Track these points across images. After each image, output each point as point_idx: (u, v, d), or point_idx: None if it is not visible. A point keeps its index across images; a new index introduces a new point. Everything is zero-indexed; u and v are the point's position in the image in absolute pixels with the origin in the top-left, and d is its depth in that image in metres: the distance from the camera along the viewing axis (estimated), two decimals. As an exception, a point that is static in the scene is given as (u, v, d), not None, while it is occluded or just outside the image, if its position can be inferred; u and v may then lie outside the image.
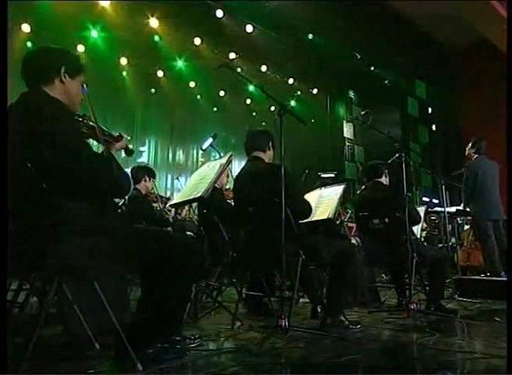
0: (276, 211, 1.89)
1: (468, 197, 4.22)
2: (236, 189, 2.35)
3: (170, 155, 11.41)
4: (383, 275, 4.36)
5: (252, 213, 2.09)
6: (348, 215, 4.33)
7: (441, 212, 4.26)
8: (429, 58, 8.77)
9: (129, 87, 9.68)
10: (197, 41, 8.65)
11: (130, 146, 1.94)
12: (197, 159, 11.80)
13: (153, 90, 9.99)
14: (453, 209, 4.18)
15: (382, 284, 3.68)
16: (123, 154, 1.94)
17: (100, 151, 1.64)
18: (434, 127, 9.75)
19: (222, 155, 2.67)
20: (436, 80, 9.27)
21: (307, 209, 2.11)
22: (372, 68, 9.43)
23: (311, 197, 3.06)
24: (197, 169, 13.12)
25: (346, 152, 10.44)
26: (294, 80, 10.22)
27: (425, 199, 4.48)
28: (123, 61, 8.99)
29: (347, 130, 10.40)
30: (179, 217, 4.44)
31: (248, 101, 11.11)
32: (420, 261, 2.59)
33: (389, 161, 4.40)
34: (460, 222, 5.63)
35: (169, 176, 11.21)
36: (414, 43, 8.47)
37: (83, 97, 1.54)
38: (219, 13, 7.91)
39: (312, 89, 10.64)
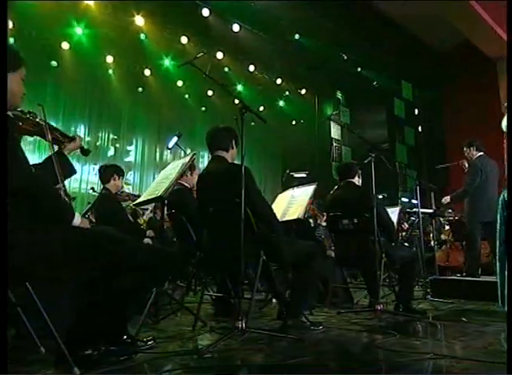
0: (236, 211, 1.87)
1: (467, 195, 4.17)
2: (199, 189, 2.32)
3: (158, 155, 11.33)
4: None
5: (213, 214, 2.07)
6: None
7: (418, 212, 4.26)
8: (415, 59, 8.82)
9: (116, 86, 9.58)
10: (184, 39, 8.60)
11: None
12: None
13: (140, 89, 9.88)
14: (430, 210, 4.18)
15: (355, 285, 3.68)
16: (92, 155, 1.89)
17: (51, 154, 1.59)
18: (420, 129, 9.82)
19: (187, 153, 2.63)
20: (422, 82, 9.33)
21: (267, 210, 2.09)
22: (359, 69, 9.47)
23: (284, 197, 3.05)
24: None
25: (334, 153, 10.45)
26: (282, 80, 10.21)
27: (404, 200, 4.50)
28: (109, 59, 8.90)
29: (335, 131, 10.42)
30: (157, 217, 4.39)
31: (236, 100, 11.05)
32: (389, 261, 2.59)
33: (365, 161, 4.41)
34: (443, 221, 5.67)
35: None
36: (401, 44, 8.52)
37: (25, 91, 1.49)
38: (205, 12, 7.88)
39: (300, 89, 10.64)
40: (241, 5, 7.81)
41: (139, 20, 8.00)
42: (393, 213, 3.36)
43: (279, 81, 10.20)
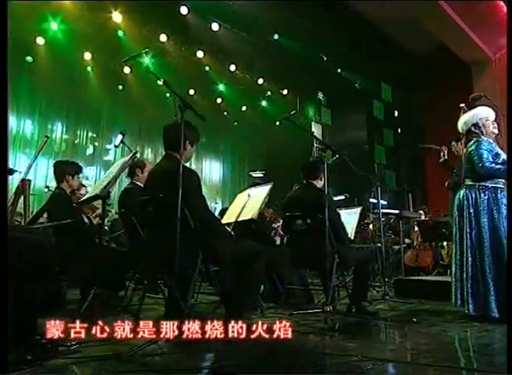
0: (173, 213, 1.82)
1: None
2: (144, 187, 2.27)
3: (138, 154, 11.20)
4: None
5: (151, 213, 2.02)
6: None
7: (388, 213, 4.28)
8: (395, 61, 8.89)
9: (95, 83, 9.43)
10: (163, 37, 8.51)
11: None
12: (167, 158, 11.64)
13: (120, 87, 9.73)
14: (396, 211, 4.20)
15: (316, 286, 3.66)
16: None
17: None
18: (399, 130, 9.90)
19: (132, 150, 2.58)
20: (402, 84, 9.41)
21: (205, 213, 2.04)
22: (339, 70, 9.51)
23: (241, 197, 3.02)
24: None
25: (315, 153, 10.47)
26: (264, 80, 10.19)
27: (373, 201, 4.51)
28: (87, 56, 8.74)
29: (316, 131, 10.43)
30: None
31: (219, 100, 11.00)
32: (342, 262, 2.58)
33: (329, 161, 4.42)
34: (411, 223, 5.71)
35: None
36: (380, 46, 8.57)
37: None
38: (184, 10, 7.81)
39: (282, 90, 10.64)
40: (220, 4, 7.76)
41: (116, 17, 7.89)
42: (355, 214, 3.37)
43: (260, 81, 10.18)
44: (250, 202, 2.79)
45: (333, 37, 8.33)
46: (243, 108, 11.24)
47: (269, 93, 10.99)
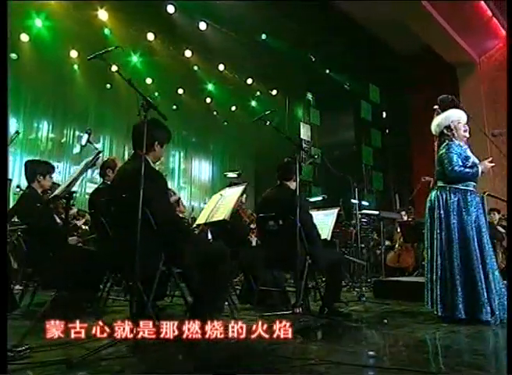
0: (135, 214, 1.80)
1: None
2: (110, 187, 2.24)
3: (126, 153, 11.08)
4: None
5: (115, 214, 2.00)
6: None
7: (367, 214, 4.29)
8: (382, 62, 8.94)
9: (82, 82, 9.33)
10: (151, 36, 8.46)
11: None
12: (155, 157, 11.57)
13: (108, 85, 9.63)
14: (376, 212, 4.22)
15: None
16: None
17: None
18: (387, 131, 9.96)
19: (97, 149, 2.55)
20: (389, 85, 9.46)
21: (169, 215, 2.01)
22: (328, 71, 9.53)
23: (214, 198, 3.00)
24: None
25: (303, 154, 10.47)
26: (253, 80, 10.17)
27: (354, 201, 4.51)
28: (73, 53, 8.65)
29: (304, 132, 10.45)
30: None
31: (208, 99, 10.97)
32: (313, 263, 2.58)
33: (307, 163, 4.42)
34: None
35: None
36: (368, 47, 8.61)
37: None
38: (170, 9, 7.76)
39: (271, 90, 10.64)
40: (206, 4, 7.73)
41: (102, 14, 7.82)
42: (332, 215, 3.36)
43: (249, 81, 10.16)
44: (222, 203, 2.77)
45: (321, 37, 8.36)
46: (233, 108, 11.22)
47: (258, 93, 10.99)
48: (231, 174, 4.10)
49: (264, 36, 8.38)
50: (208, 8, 7.87)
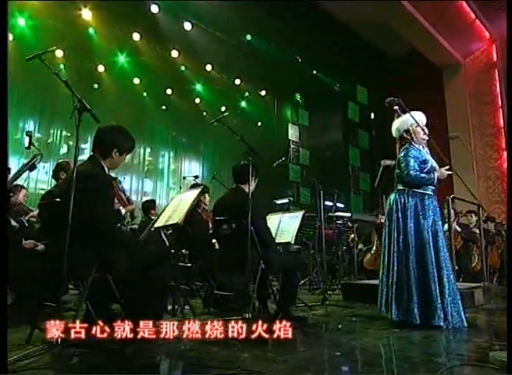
0: (77, 218, 1.77)
1: None
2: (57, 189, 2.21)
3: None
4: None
5: (55, 217, 1.96)
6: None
7: (339, 216, 4.26)
8: (369, 64, 8.92)
9: (69, 82, 9.25)
10: (136, 36, 8.42)
11: None
12: (144, 158, 11.49)
13: (96, 85, 9.57)
14: (348, 214, 4.18)
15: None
16: None
17: None
18: (374, 132, 9.94)
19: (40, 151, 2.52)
20: (376, 86, 9.44)
21: (103, 217, 1.97)
22: (315, 72, 9.51)
23: (172, 202, 2.97)
24: (143, 168, 12.39)
25: (291, 155, 10.46)
26: (241, 80, 10.13)
27: (329, 203, 4.48)
28: (59, 53, 8.59)
29: (292, 133, 10.43)
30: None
31: (197, 100, 10.93)
32: (267, 268, 2.54)
33: (274, 164, 4.39)
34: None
35: (112, 175, 10.85)
36: (354, 48, 8.59)
37: None
38: (154, 9, 7.72)
39: (260, 90, 10.61)
40: (189, 4, 7.70)
41: (86, 14, 7.78)
42: (296, 218, 3.33)
43: (237, 82, 10.12)
44: (179, 206, 2.74)
45: (306, 38, 8.33)
46: (223, 108, 11.19)
47: (247, 94, 10.96)
48: (188, 178, 4.06)
49: (249, 36, 8.35)
50: (191, 8, 7.84)
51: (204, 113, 11.38)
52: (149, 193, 11.48)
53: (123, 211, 2.29)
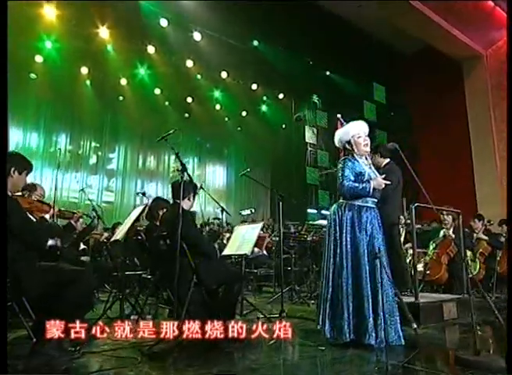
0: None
1: None
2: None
3: (140, 162, 11.55)
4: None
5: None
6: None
7: (316, 225, 4.17)
8: (384, 62, 8.58)
9: (95, 95, 9.89)
10: (151, 49, 8.79)
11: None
12: (169, 165, 11.91)
13: (121, 97, 10.15)
14: (324, 222, 4.06)
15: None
16: None
17: None
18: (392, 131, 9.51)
19: None
20: (391, 85, 9.03)
21: (26, 233, 2.09)
22: (328, 72, 9.33)
23: (129, 217, 3.10)
24: (168, 174, 12.72)
25: (309, 157, 10.33)
26: (257, 85, 10.17)
27: (311, 211, 4.36)
28: (84, 70, 9.23)
29: (309, 136, 10.30)
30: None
31: (217, 106, 11.15)
32: (200, 282, 2.57)
33: (240, 174, 4.36)
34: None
35: (139, 182, 11.43)
36: (366, 47, 8.30)
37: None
38: (163, 22, 8.03)
39: (278, 94, 10.59)
40: (196, 14, 7.90)
41: (103, 32, 8.26)
42: (256, 229, 3.33)
43: (254, 87, 10.18)
44: (126, 222, 2.86)
45: (315, 40, 8.19)
46: (243, 113, 11.33)
47: (265, 98, 11.00)
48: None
49: (255, 42, 8.39)
50: (198, 18, 8.03)
51: (226, 119, 11.62)
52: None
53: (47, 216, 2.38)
